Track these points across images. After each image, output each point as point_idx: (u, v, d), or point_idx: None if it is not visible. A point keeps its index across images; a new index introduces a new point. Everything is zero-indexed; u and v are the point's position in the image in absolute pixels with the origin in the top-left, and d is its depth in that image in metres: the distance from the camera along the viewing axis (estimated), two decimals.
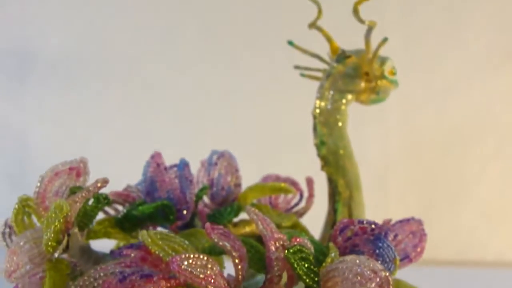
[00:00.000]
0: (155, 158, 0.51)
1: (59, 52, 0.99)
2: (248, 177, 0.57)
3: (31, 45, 0.98)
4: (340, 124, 0.55)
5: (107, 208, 0.51)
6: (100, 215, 0.50)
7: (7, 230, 0.47)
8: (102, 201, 0.46)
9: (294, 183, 0.58)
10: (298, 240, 0.43)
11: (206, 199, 0.56)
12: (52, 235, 0.41)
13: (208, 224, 0.49)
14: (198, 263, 0.40)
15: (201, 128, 0.93)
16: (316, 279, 0.42)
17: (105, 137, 0.96)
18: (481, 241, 0.86)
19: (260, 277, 0.48)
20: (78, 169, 0.45)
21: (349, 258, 0.43)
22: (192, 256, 0.40)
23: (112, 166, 0.72)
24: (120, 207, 0.51)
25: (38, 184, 0.46)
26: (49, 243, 0.42)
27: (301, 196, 0.59)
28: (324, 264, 0.43)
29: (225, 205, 0.55)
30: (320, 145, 0.56)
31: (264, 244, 0.43)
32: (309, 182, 0.59)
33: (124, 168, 0.67)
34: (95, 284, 0.41)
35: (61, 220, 0.40)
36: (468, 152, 0.85)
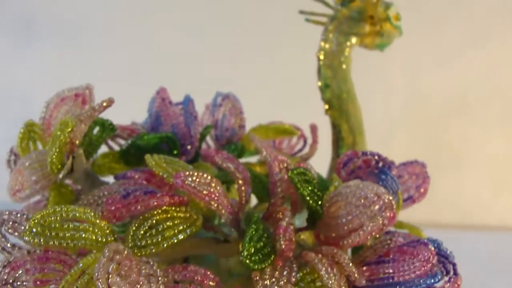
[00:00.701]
0: (161, 93, 0.51)
1: (64, 13, 0.99)
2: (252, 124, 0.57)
3: (36, 6, 0.98)
4: (344, 66, 0.56)
5: (111, 143, 0.51)
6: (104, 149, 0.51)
7: (12, 157, 0.47)
8: (108, 127, 0.46)
9: (297, 129, 0.58)
10: (302, 165, 0.44)
11: (210, 141, 0.56)
12: (57, 151, 0.41)
13: (212, 149, 0.49)
14: (202, 180, 0.40)
15: (204, 76, 0.91)
16: (319, 202, 0.42)
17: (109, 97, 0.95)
18: (484, 205, 0.86)
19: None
20: (83, 96, 0.45)
21: (352, 183, 0.43)
22: (196, 173, 0.40)
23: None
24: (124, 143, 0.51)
25: (44, 110, 0.46)
26: (54, 160, 0.42)
27: (305, 142, 0.59)
28: (327, 192, 0.43)
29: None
30: (324, 88, 0.56)
31: (268, 167, 0.43)
32: (313, 128, 0.59)
33: None
34: (99, 202, 0.41)
35: (66, 135, 0.40)
36: (472, 116, 0.85)
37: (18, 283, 0.36)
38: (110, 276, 0.34)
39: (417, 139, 0.81)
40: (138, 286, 0.35)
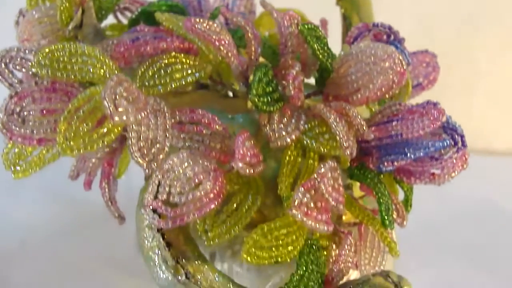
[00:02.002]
0: None
1: None
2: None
3: None
4: None
5: (120, 17, 0.51)
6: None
7: (21, 18, 0.47)
8: None
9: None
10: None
11: None
12: (67, 1, 0.41)
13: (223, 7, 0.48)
14: (212, 28, 0.40)
15: None
16: (329, 59, 0.41)
17: None
18: (491, 130, 0.86)
19: None
20: None
21: (363, 44, 0.42)
22: (206, 21, 0.40)
23: None
24: None
25: None
26: (63, 11, 0.41)
27: None
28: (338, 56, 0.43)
29: None
30: None
31: (277, 24, 0.42)
32: (323, 23, 0.58)
33: None
34: (108, 49, 0.40)
35: None
36: (480, 40, 0.84)
37: (25, 112, 0.36)
38: (117, 97, 0.34)
39: None
40: (144, 114, 0.35)
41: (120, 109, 0.33)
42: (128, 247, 0.54)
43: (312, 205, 0.36)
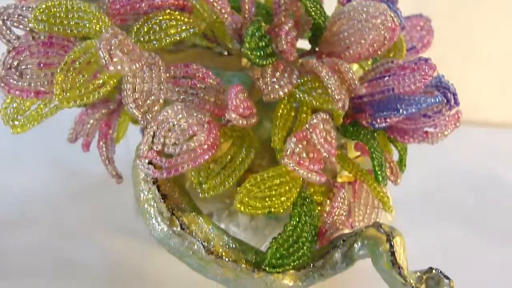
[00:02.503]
0: None
1: None
2: None
3: None
4: None
5: None
6: None
7: None
8: None
9: None
10: None
11: None
12: None
13: None
14: None
15: None
16: (323, 18, 0.42)
17: None
18: (489, 102, 0.86)
19: None
20: None
21: (355, 1, 0.43)
22: None
23: None
24: None
25: None
26: None
27: None
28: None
29: None
30: None
31: None
32: None
33: None
34: (104, 7, 0.41)
35: None
36: (480, 10, 0.84)
37: (23, 66, 0.37)
38: (112, 48, 0.34)
39: None
40: (139, 66, 0.36)
41: (115, 59, 0.34)
42: (127, 210, 0.55)
43: (304, 155, 0.37)
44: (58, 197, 0.57)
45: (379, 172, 0.42)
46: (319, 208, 0.41)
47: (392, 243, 0.37)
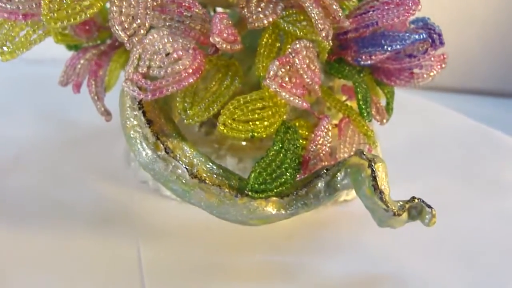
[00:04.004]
0: None
1: None
2: None
3: None
4: None
5: None
6: None
7: None
8: None
9: None
10: None
11: None
12: None
13: None
14: None
15: None
16: None
17: None
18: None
19: None
20: None
21: None
22: None
23: None
24: None
25: None
26: None
27: None
28: None
29: None
30: None
31: None
32: None
33: None
34: None
35: None
36: None
37: None
38: None
39: None
40: None
41: None
42: (118, 159, 0.55)
43: (287, 79, 0.37)
44: (52, 147, 0.58)
45: (363, 107, 0.42)
46: (304, 142, 0.42)
47: (374, 168, 0.37)
